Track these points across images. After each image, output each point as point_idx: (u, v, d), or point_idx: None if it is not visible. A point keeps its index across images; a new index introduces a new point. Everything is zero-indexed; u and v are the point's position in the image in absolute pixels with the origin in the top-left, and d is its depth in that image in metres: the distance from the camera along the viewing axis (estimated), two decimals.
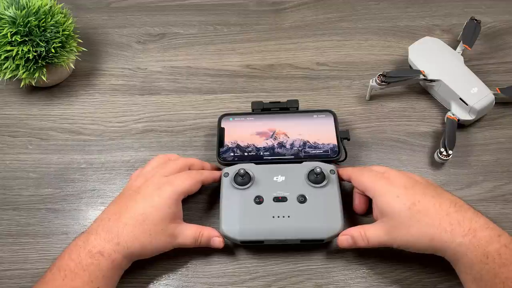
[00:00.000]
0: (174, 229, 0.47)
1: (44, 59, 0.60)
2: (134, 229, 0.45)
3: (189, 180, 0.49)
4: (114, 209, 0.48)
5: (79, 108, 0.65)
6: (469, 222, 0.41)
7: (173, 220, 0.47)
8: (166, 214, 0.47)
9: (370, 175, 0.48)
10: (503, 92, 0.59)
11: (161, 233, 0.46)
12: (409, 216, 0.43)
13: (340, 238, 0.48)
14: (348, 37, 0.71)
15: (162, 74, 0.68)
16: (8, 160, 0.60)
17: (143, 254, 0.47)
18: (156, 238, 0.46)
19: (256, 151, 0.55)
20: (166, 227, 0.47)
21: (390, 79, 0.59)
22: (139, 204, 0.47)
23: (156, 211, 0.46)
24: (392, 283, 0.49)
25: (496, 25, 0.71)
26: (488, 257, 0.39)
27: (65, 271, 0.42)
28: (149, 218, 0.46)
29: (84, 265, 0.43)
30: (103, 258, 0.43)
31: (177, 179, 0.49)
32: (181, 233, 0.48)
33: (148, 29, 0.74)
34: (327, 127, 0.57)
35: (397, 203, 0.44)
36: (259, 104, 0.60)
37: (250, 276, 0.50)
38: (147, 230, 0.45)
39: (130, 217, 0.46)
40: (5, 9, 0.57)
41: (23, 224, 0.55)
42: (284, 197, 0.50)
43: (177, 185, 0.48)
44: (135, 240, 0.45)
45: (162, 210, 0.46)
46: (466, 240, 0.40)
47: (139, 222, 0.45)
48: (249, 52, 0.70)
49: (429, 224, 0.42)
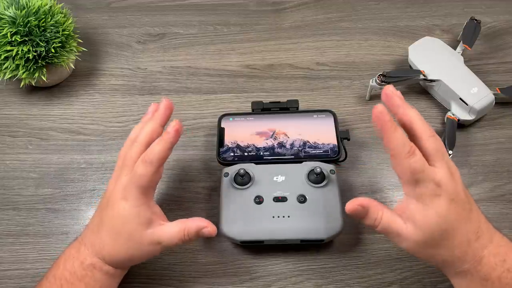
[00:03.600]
0: (153, 235, 0.42)
1: (44, 59, 0.60)
2: (114, 244, 0.43)
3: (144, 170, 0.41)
4: (95, 219, 0.45)
5: (79, 108, 0.65)
6: (481, 250, 0.39)
7: (149, 225, 0.42)
8: (137, 224, 0.42)
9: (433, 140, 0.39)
10: (503, 92, 0.59)
11: (140, 244, 0.42)
12: (438, 238, 0.39)
13: (351, 203, 0.40)
14: (348, 37, 0.71)
15: (162, 74, 0.68)
16: (8, 160, 0.60)
17: (134, 262, 0.45)
18: (138, 250, 0.43)
19: (256, 151, 0.55)
20: (143, 237, 0.42)
21: (390, 79, 0.59)
22: (110, 218, 0.43)
23: (126, 225, 0.42)
24: (392, 283, 0.49)
25: (496, 25, 0.71)
26: (488, 280, 0.39)
27: (61, 281, 0.42)
28: (123, 232, 0.42)
29: (79, 276, 0.42)
30: (96, 271, 0.43)
31: (134, 177, 0.41)
32: (163, 236, 0.43)
33: (148, 29, 0.74)
34: (327, 127, 0.57)
35: (438, 221, 0.38)
36: (259, 104, 0.60)
37: (250, 276, 0.50)
38: (125, 244, 0.42)
39: (107, 231, 0.43)
40: (5, 9, 0.57)
41: (23, 224, 0.55)
42: (284, 197, 0.50)
43: (138, 184, 0.41)
44: (119, 254, 0.43)
45: (132, 222, 0.42)
46: (472, 267, 0.39)
47: (116, 236, 0.42)
48: (249, 52, 0.70)
49: (449, 251, 0.39)
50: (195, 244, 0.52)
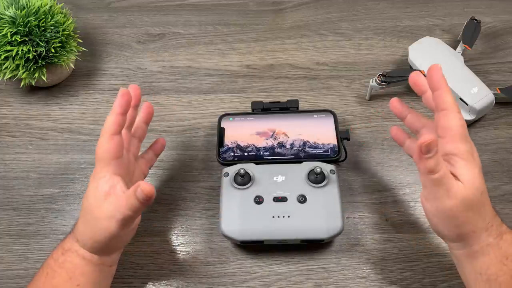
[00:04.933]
0: (108, 208, 0.40)
1: (44, 59, 0.60)
2: (82, 223, 0.43)
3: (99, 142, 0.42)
4: None
5: (79, 108, 0.65)
6: (501, 225, 0.41)
7: (106, 199, 0.41)
8: (94, 198, 0.41)
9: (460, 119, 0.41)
10: (503, 92, 0.59)
11: (98, 219, 0.41)
12: (478, 201, 0.39)
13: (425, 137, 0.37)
14: (348, 37, 0.71)
15: (162, 74, 0.68)
16: (8, 160, 0.60)
17: (98, 243, 0.42)
18: (97, 226, 0.41)
19: (256, 151, 0.55)
20: (101, 211, 0.40)
21: (390, 79, 0.59)
22: (84, 199, 0.43)
23: (87, 200, 0.42)
24: (392, 283, 0.49)
25: (496, 25, 0.71)
26: (508, 258, 0.39)
27: (47, 269, 0.43)
28: (86, 209, 0.42)
29: (60, 263, 0.42)
30: (73, 255, 0.42)
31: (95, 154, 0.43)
32: (110, 210, 0.40)
33: (148, 29, 0.74)
34: (327, 127, 0.57)
35: (478, 180, 0.39)
36: (259, 104, 0.60)
37: (250, 276, 0.50)
38: (88, 221, 0.42)
39: (81, 213, 0.43)
40: (5, 9, 0.57)
41: (23, 224, 0.55)
42: (284, 197, 0.50)
43: (97, 158, 0.42)
44: (85, 233, 0.42)
45: (91, 196, 0.42)
46: (495, 242, 0.40)
47: (83, 214, 0.43)
48: (249, 52, 0.70)
49: (481, 218, 0.40)
50: (195, 244, 0.52)
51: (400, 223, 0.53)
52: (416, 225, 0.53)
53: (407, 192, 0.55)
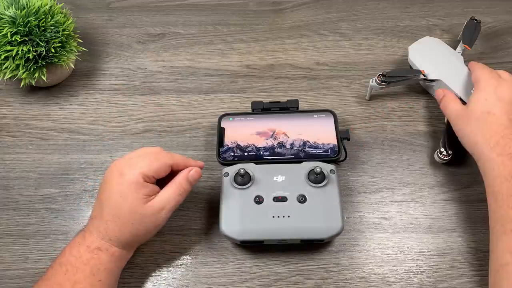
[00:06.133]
0: (154, 205, 0.45)
1: (44, 59, 0.60)
2: (116, 224, 0.44)
3: (154, 162, 0.46)
4: (96, 205, 0.47)
5: (79, 108, 0.65)
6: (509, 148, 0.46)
7: (148, 199, 0.45)
8: (136, 200, 0.44)
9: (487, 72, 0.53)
10: None
11: (143, 216, 0.44)
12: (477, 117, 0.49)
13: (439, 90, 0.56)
14: (348, 37, 0.71)
15: (162, 74, 0.68)
16: (8, 160, 0.60)
17: (140, 240, 0.47)
18: (141, 224, 0.45)
19: (256, 151, 0.55)
20: (143, 211, 0.44)
21: (390, 79, 0.59)
22: (109, 196, 0.45)
23: (124, 201, 0.44)
24: (392, 283, 0.49)
25: (496, 25, 0.71)
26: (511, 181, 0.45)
27: (66, 266, 0.43)
28: (123, 210, 0.44)
29: (85, 260, 0.43)
30: (102, 253, 0.44)
31: (139, 161, 0.46)
32: (163, 200, 0.45)
33: (148, 29, 0.74)
34: (327, 127, 0.57)
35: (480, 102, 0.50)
36: (259, 104, 0.60)
37: (250, 276, 0.50)
38: (127, 221, 0.44)
39: (108, 213, 0.45)
40: (5, 9, 0.57)
41: (23, 224, 0.55)
42: (284, 197, 0.50)
43: (139, 167, 0.45)
44: (123, 233, 0.45)
45: (130, 198, 0.44)
46: (499, 159, 0.46)
47: (116, 216, 0.44)
48: (249, 52, 0.70)
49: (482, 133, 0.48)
50: (195, 244, 0.52)
51: (400, 223, 0.53)
52: (416, 225, 0.53)
53: (407, 192, 0.55)
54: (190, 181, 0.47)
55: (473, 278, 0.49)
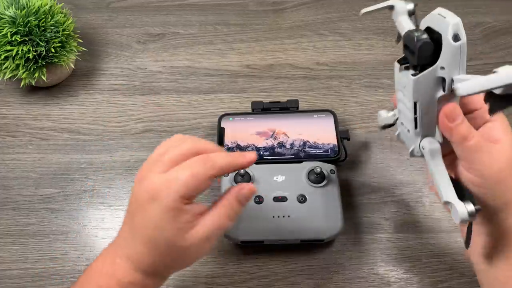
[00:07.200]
0: (197, 236, 0.36)
1: (44, 59, 0.60)
2: (154, 255, 0.37)
3: (190, 179, 0.35)
4: (126, 224, 0.39)
5: (79, 108, 0.65)
6: None
7: (189, 226, 0.36)
8: (174, 230, 0.35)
9: None
10: None
11: (183, 251, 0.36)
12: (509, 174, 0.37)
13: None
14: (348, 37, 0.71)
15: (162, 74, 0.68)
16: (8, 160, 0.60)
17: (178, 270, 0.40)
18: (181, 258, 0.37)
19: (256, 151, 0.55)
20: (184, 242, 0.36)
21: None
22: (143, 224, 0.36)
23: (161, 234, 0.36)
24: (392, 283, 0.49)
25: (496, 25, 0.71)
26: None
27: None
28: (159, 242, 0.36)
29: None
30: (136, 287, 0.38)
31: (172, 182, 0.35)
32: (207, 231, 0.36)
33: (148, 29, 0.74)
34: (327, 127, 0.57)
35: None
36: (259, 104, 0.60)
37: (250, 276, 0.50)
38: (165, 255, 0.37)
39: (141, 240, 0.37)
40: (5, 9, 0.57)
41: (23, 224, 0.55)
42: (284, 197, 0.50)
43: (178, 186, 0.35)
44: (158, 265, 0.37)
45: (168, 229, 0.35)
46: None
47: (153, 246, 0.36)
48: (249, 52, 0.70)
49: None
50: None
51: (400, 223, 0.53)
52: (416, 225, 0.53)
53: (407, 192, 0.55)
54: (242, 202, 0.38)
55: (473, 278, 0.49)
